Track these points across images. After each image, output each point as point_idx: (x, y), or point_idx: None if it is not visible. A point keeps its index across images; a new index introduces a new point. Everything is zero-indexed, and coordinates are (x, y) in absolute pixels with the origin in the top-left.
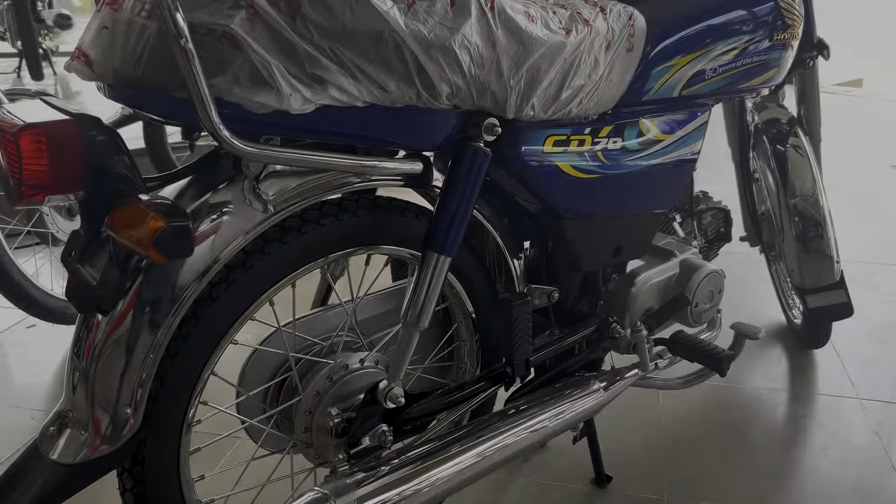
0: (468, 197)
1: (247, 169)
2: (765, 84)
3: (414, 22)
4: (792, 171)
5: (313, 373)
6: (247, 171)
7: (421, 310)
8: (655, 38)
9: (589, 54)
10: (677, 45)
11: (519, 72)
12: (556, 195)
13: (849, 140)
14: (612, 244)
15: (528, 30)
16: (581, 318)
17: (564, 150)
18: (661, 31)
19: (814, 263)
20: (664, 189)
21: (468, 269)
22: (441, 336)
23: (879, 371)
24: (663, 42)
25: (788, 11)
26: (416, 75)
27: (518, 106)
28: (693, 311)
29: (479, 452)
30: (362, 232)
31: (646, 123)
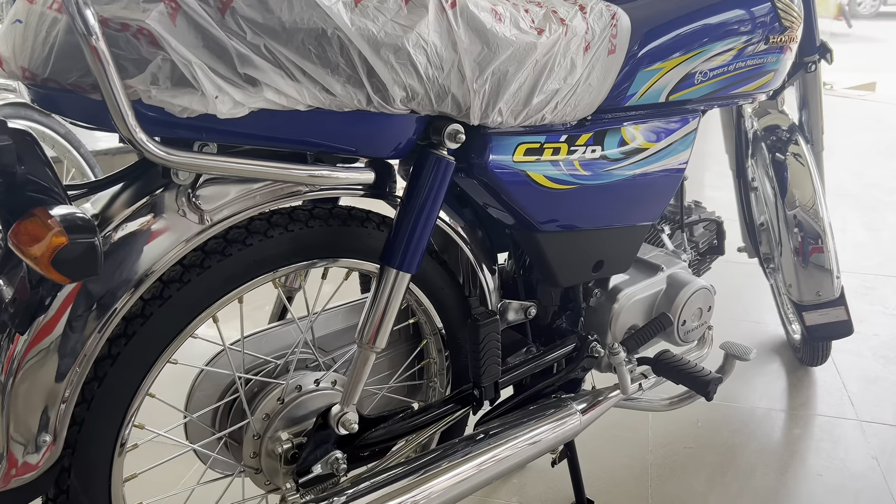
0: (429, 209)
1: (176, 177)
2: (761, 89)
3: (361, 19)
4: (791, 181)
5: (264, 394)
6: (176, 179)
7: (377, 330)
8: (641, 40)
9: (564, 56)
10: (664, 47)
11: (483, 75)
12: (529, 207)
13: (859, 146)
14: (592, 258)
15: (494, 29)
16: (559, 336)
17: (537, 160)
18: (647, 32)
19: (812, 278)
20: (649, 201)
21: (436, 283)
22: (410, 352)
23: (882, 391)
24: (649, 44)
25: (786, 12)
26: (366, 77)
27: (483, 111)
28: (680, 330)
29: (444, 481)
30: (316, 244)
31: (629, 131)
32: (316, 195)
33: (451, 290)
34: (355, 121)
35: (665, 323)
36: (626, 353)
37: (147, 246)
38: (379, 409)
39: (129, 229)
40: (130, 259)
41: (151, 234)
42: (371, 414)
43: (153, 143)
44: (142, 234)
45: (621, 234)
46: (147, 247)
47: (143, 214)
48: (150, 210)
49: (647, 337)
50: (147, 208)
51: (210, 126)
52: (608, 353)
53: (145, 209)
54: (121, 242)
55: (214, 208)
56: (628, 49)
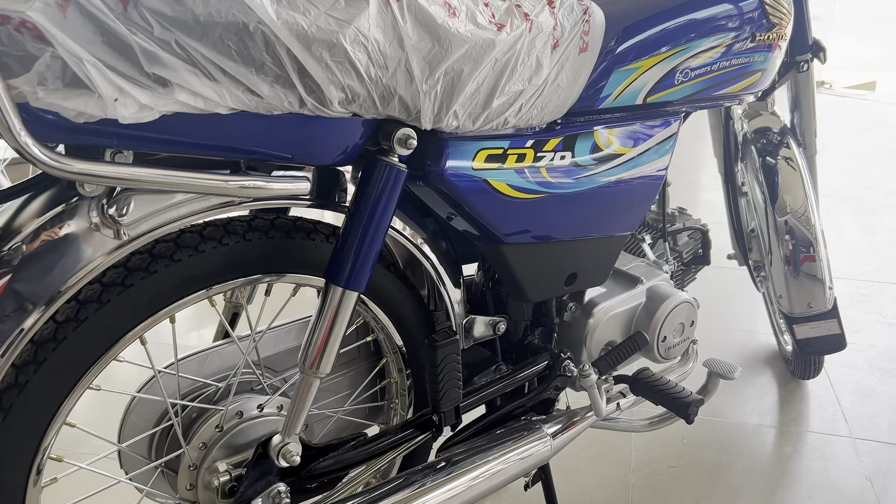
0: (378, 221)
1: (82, 189)
2: (747, 90)
3: (290, 12)
4: (782, 186)
5: (202, 421)
6: (82, 191)
7: (321, 354)
8: (616, 37)
9: (529, 54)
10: (641, 45)
11: (434, 74)
12: (491, 218)
13: (857, 146)
14: (565, 272)
15: (447, 24)
16: (531, 353)
17: (499, 167)
18: (623, 29)
19: (804, 289)
20: (625, 210)
21: (395, 298)
22: (370, 370)
23: (877, 406)
24: (625, 41)
25: (774, 8)
26: (297, 77)
27: (436, 115)
28: (660, 347)
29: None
30: (256, 259)
31: (602, 135)
32: (261, 205)
33: (412, 306)
34: (288, 125)
35: (640, 342)
36: (597, 375)
37: (56, 264)
38: (337, 432)
39: (35, 246)
40: (35, 278)
41: (59, 252)
42: (320, 442)
43: (44, 151)
44: (48, 251)
45: (595, 245)
46: (56, 265)
47: (50, 229)
48: (57, 224)
49: (621, 358)
50: (54, 222)
51: (118, 132)
52: (579, 374)
53: (52, 223)
54: (25, 261)
55: (132, 222)
56: (602, 47)
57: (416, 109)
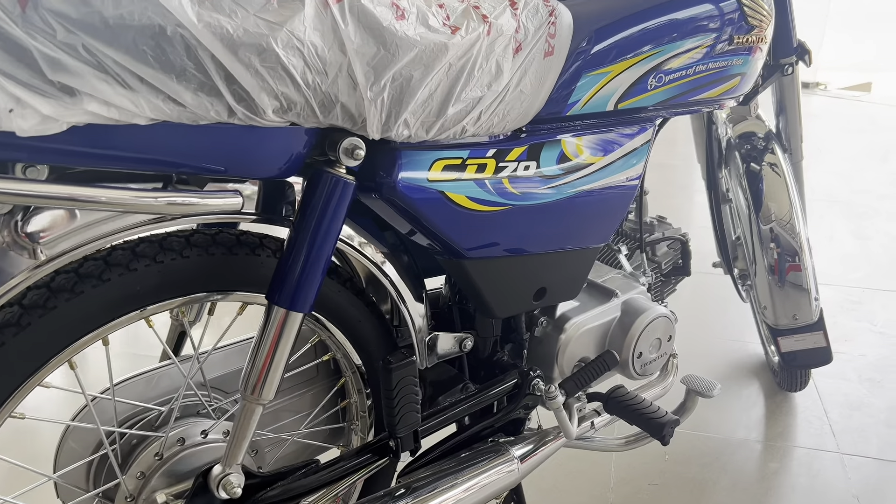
0: (324, 237)
1: None
2: (726, 95)
3: (213, 14)
4: (767, 193)
5: (142, 448)
6: None
7: (263, 379)
8: (584, 40)
9: (487, 59)
10: (612, 49)
11: (380, 80)
12: (450, 232)
13: (851, 149)
14: (533, 286)
15: (393, 27)
16: (500, 370)
17: (458, 178)
18: (592, 31)
19: (789, 299)
20: (596, 222)
21: (352, 316)
22: (329, 390)
23: (865, 420)
24: (594, 44)
25: (753, 10)
26: (224, 84)
27: (384, 124)
28: (635, 363)
29: None
30: (195, 276)
31: (571, 143)
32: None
33: (371, 324)
34: (218, 136)
35: (609, 361)
36: (564, 396)
37: None
38: (297, 455)
39: None
40: None
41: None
42: (269, 469)
43: None
44: None
45: (565, 258)
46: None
47: None
48: None
49: (589, 378)
50: None
51: (24, 144)
52: (545, 396)
53: None
54: None
55: (51, 240)
56: (570, 50)
57: (362, 118)
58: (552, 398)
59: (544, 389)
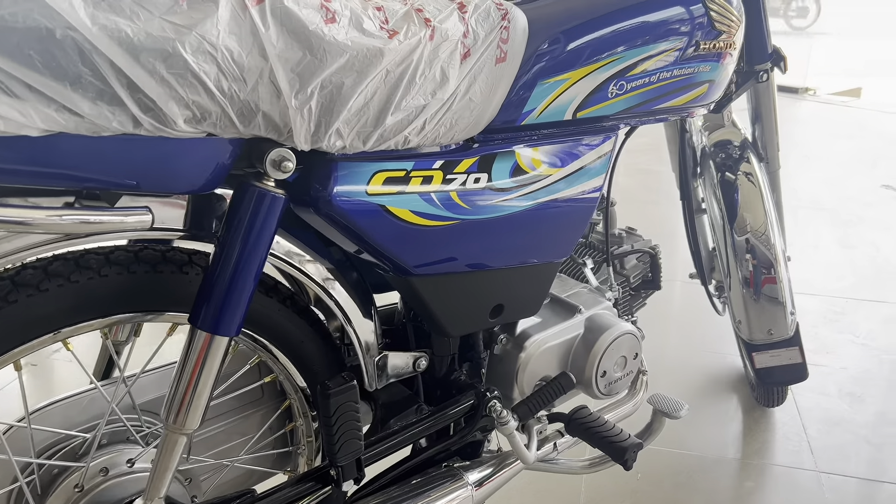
0: (251, 255)
1: None
2: (694, 103)
3: (110, 16)
4: (742, 203)
5: (63, 479)
6: None
7: (184, 407)
8: (540, 45)
9: (430, 65)
10: (569, 55)
11: (307, 88)
12: (393, 248)
13: (839, 155)
14: (488, 303)
15: (321, 31)
16: (458, 391)
17: (400, 191)
18: (548, 37)
19: (764, 313)
20: (554, 236)
21: (294, 336)
22: (274, 412)
23: (845, 436)
24: (550, 50)
25: (720, 14)
26: (126, 92)
27: (313, 134)
28: (599, 383)
29: None
30: (116, 296)
31: (526, 154)
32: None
33: (316, 344)
34: (125, 148)
35: (565, 384)
36: (517, 422)
37: None
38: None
39: None
40: None
41: None
42: (203, 500)
43: None
44: None
45: (522, 274)
46: None
47: None
48: None
49: (544, 402)
50: None
51: None
52: (496, 421)
53: None
54: None
55: None
56: (524, 56)
57: (288, 128)
58: (503, 423)
59: (496, 414)
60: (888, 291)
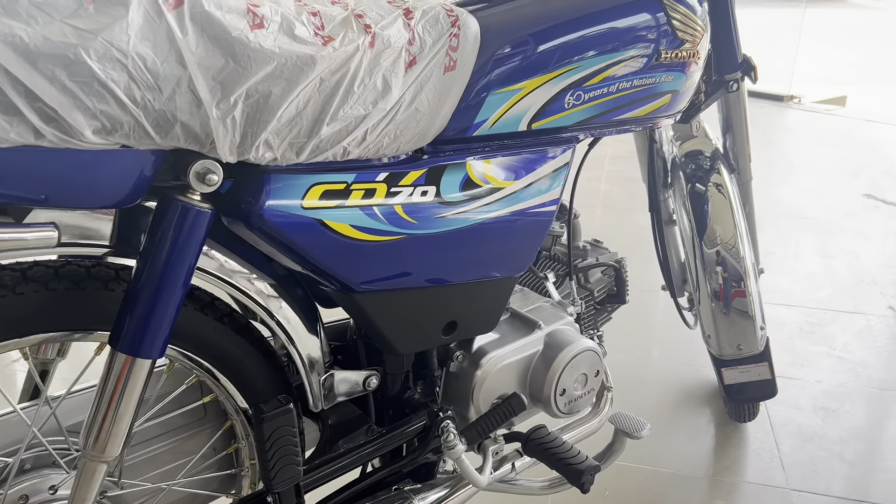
0: (175, 273)
1: None
2: (658, 113)
3: (3, 20)
4: (712, 215)
5: None
6: None
7: (106, 434)
8: (492, 53)
9: (371, 73)
10: (523, 64)
11: (230, 97)
12: (332, 264)
13: (822, 164)
14: (441, 320)
15: (245, 37)
16: (412, 410)
17: (340, 205)
18: (502, 45)
19: (734, 327)
20: (508, 251)
21: (233, 356)
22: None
23: (817, 452)
24: (503, 59)
25: (683, 23)
26: (24, 101)
27: (239, 145)
28: (558, 401)
29: None
30: (34, 315)
31: (477, 166)
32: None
33: (257, 363)
34: (28, 160)
35: (516, 406)
36: (465, 445)
37: None
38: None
39: None
40: None
41: None
42: None
43: None
44: None
45: (476, 290)
46: None
47: None
48: None
49: (493, 424)
50: None
51: None
52: (443, 445)
53: None
54: None
55: None
56: (476, 65)
57: (210, 139)
58: (451, 447)
59: (442, 438)
60: (865, 302)
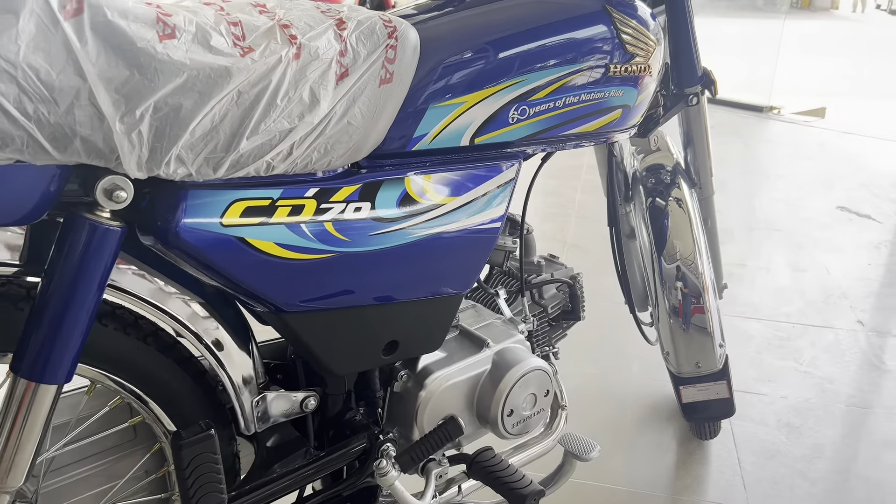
0: (82, 294)
1: None
2: (609, 128)
3: None
4: (672, 230)
5: None
6: None
7: (10, 462)
8: (432, 67)
9: (296, 86)
10: (465, 78)
11: (135, 111)
12: (256, 284)
13: (797, 176)
14: (380, 340)
15: (152, 48)
16: (353, 432)
17: (263, 222)
18: (444, 57)
19: (693, 344)
20: (450, 269)
21: (158, 377)
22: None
23: (779, 470)
24: (444, 71)
25: (633, 37)
26: None
27: (147, 161)
28: (505, 423)
29: None
30: None
31: (416, 182)
32: None
33: (185, 384)
34: None
35: (452, 431)
36: (399, 472)
37: None
38: None
39: None
40: None
41: None
42: None
43: None
44: None
45: (418, 308)
46: None
47: None
48: None
49: (428, 450)
50: None
51: None
52: (376, 472)
53: None
54: None
55: None
56: (415, 77)
57: (116, 154)
58: (383, 474)
59: (376, 465)
60: (834, 316)
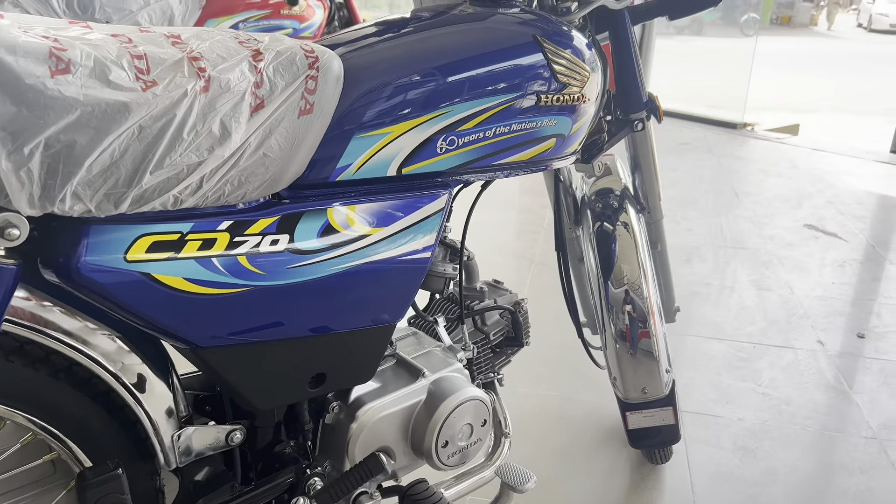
0: None
1: None
2: (544, 157)
3: None
4: (619, 254)
5: None
6: None
7: None
8: (356, 96)
9: (205, 119)
10: (390, 107)
11: (24, 148)
12: (165, 320)
13: (766, 193)
14: (306, 373)
15: (42, 84)
16: (282, 465)
17: (171, 257)
18: (368, 87)
19: (640, 369)
20: (379, 301)
21: (71, 413)
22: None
23: (732, 496)
24: (368, 101)
25: (565, 66)
26: None
27: (41, 198)
28: (440, 454)
29: None
30: None
31: (340, 213)
32: None
33: (100, 419)
34: None
35: (373, 468)
36: None
37: None
38: None
39: None
40: None
41: None
42: None
43: None
44: None
45: (344, 341)
46: None
47: None
48: None
49: (348, 488)
50: None
51: None
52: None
53: None
54: None
55: None
56: (338, 108)
57: (4, 192)
58: None
59: (292, 502)
60: (795, 336)
